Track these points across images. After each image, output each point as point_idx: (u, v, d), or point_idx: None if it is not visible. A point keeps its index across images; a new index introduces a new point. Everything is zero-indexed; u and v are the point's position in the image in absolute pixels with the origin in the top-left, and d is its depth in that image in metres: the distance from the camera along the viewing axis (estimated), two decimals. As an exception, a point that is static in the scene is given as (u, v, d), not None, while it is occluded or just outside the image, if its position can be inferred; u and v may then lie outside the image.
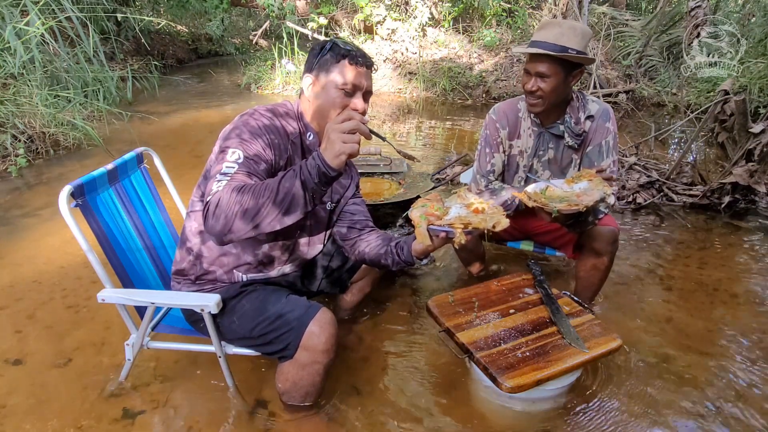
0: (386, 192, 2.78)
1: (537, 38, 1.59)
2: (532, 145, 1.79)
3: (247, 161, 1.17)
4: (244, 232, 1.07)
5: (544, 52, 1.53)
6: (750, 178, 2.83)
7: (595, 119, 1.69)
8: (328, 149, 1.05)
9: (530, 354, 1.30)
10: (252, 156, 1.18)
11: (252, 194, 1.06)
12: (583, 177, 1.50)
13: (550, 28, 1.58)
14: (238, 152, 1.17)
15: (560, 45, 1.54)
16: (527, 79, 1.62)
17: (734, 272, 2.34)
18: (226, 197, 1.06)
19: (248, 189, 1.07)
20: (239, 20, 11.88)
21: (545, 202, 1.42)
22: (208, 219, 1.08)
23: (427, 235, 1.21)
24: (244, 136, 1.20)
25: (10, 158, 3.57)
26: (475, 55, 7.13)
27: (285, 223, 1.09)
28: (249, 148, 1.19)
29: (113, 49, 6.82)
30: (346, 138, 1.04)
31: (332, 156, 1.05)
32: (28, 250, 2.42)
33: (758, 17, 5.73)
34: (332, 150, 1.05)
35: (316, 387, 1.33)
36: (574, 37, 1.55)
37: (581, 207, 1.37)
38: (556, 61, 1.55)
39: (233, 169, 1.14)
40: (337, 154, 1.04)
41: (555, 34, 1.55)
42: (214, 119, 5.25)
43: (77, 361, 1.66)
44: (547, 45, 1.55)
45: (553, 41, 1.55)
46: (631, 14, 7.25)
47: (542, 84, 1.59)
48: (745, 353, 1.77)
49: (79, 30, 4.50)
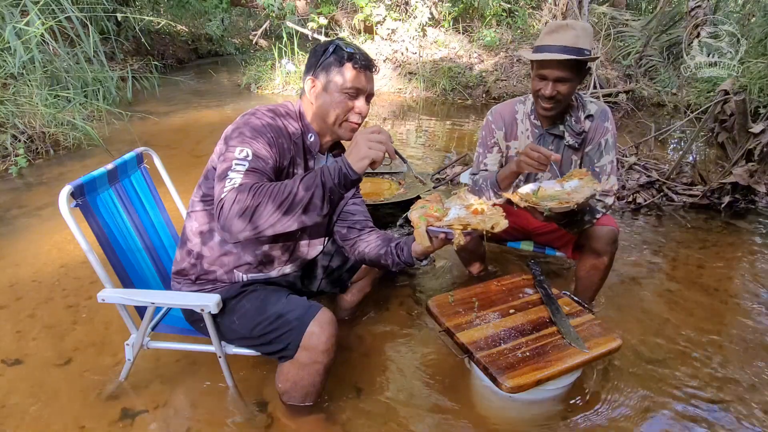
0: (386, 192, 2.79)
1: (551, 42, 1.54)
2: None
3: (257, 159, 1.16)
4: (260, 231, 1.07)
5: (569, 57, 1.50)
6: (750, 178, 2.83)
7: (594, 119, 1.69)
8: (354, 152, 1.07)
9: (530, 354, 1.30)
10: (260, 154, 1.18)
11: (269, 193, 1.05)
12: (574, 176, 1.51)
13: (565, 31, 1.53)
14: (246, 150, 1.17)
15: (578, 47, 1.51)
16: (543, 85, 1.58)
17: (734, 272, 2.34)
18: (243, 195, 1.05)
19: (265, 188, 1.07)
20: (239, 20, 11.89)
21: (536, 201, 1.43)
22: (222, 216, 1.06)
23: (426, 237, 1.21)
24: (250, 135, 1.20)
25: (10, 158, 3.57)
26: (475, 55, 7.13)
27: (304, 223, 1.09)
28: (256, 147, 1.18)
29: (113, 49, 6.82)
30: (373, 144, 1.06)
31: (357, 158, 1.06)
32: (28, 250, 2.42)
33: (758, 17, 5.73)
34: (357, 153, 1.06)
35: (316, 387, 1.33)
36: (586, 37, 1.54)
37: (572, 204, 1.38)
38: (573, 64, 1.53)
39: (245, 167, 1.13)
40: (362, 157, 1.06)
41: (571, 36, 1.52)
42: (214, 119, 5.25)
43: (77, 361, 1.66)
44: (567, 49, 1.51)
45: (572, 44, 1.51)
46: (631, 14, 7.26)
47: (561, 88, 1.56)
48: (746, 353, 1.77)
49: (79, 30, 4.50)
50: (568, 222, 1.62)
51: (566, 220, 1.60)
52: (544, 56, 1.53)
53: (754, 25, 5.65)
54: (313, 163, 1.37)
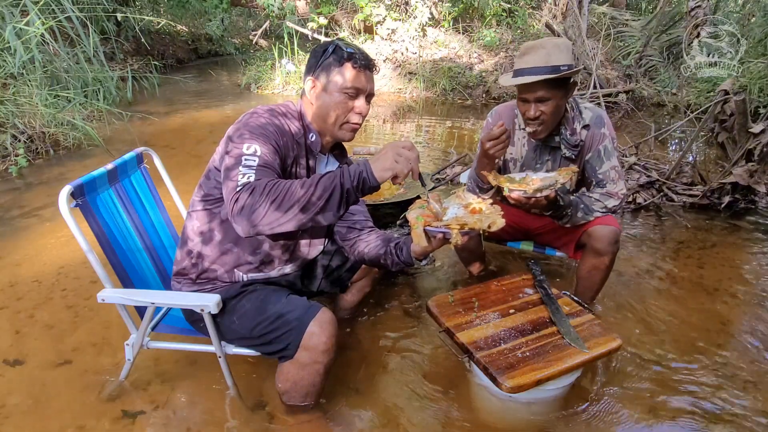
0: (386, 192, 2.78)
1: (523, 65, 1.55)
2: (527, 156, 1.79)
3: (265, 155, 1.15)
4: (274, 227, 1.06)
5: (540, 78, 1.50)
6: (750, 178, 2.83)
7: (590, 127, 1.69)
8: (380, 161, 1.06)
9: (530, 354, 1.30)
10: (268, 151, 1.17)
11: (285, 191, 1.04)
12: (562, 171, 1.55)
13: (535, 52, 1.54)
14: (254, 146, 1.15)
15: (551, 66, 1.51)
16: (526, 108, 1.59)
17: (734, 272, 2.34)
18: (258, 190, 1.04)
19: (281, 185, 1.05)
20: (239, 20, 11.89)
21: (502, 181, 1.51)
22: (236, 210, 1.05)
23: (423, 237, 1.21)
24: (255, 133, 1.19)
25: (10, 158, 3.57)
26: (475, 55, 7.13)
27: (320, 223, 1.08)
28: (262, 143, 1.17)
29: (113, 49, 6.82)
30: (401, 160, 1.06)
31: (381, 168, 1.06)
32: (28, 250, 2.42)
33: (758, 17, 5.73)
34: (384, 163, 1.06)
35: (316, 387, 1.32)
36: (560, 53, 1.52)
37: (528, 189, 1.45)
38: (550, 82, 1.52)
39: (255, 162, 1.11)
40: (387, 168, 1.06)
41: (542, 56, 1.52)
42: (214, 119, 5.25)
43: (77, 361, 1.66)
44: (539, 69, 1.51)
45: (543, 63, 1.51)
46: (631, 14, 7.26)
47: (544, 108, 1.56)
48: (746, 353, 1.77)
49: (79, 30, 4.50)
50: (554, 214, 1.66)
51: (551, 212, 1.65)
52: (518, 80, 1.54)
53: (754, 25, 5.65)
54: (314, 162, 1.37)
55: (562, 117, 1.68)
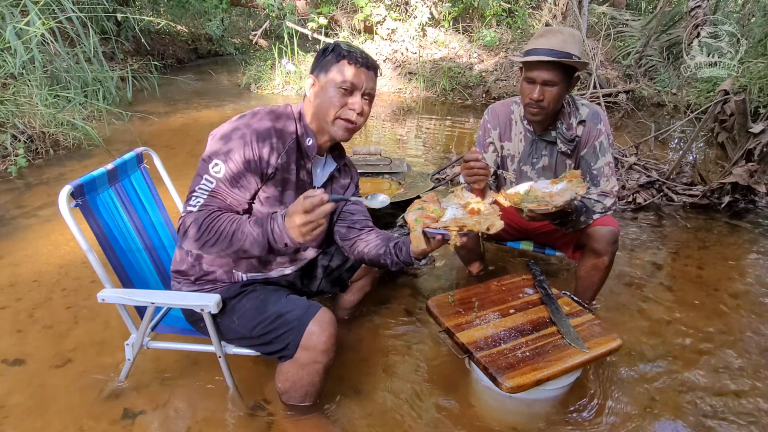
0: (386, 192, 2.78)
1: (539, 45, 1.55)
2: (523, 151, 1.79)
3: (225, 178, 1.22)
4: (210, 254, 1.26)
5: (554, 59, 1.50)
6: (750, 178, 2.83)
7: (586, 123, 1.69)
8: (292, 231, 1.11)
9: (530, 354, 1.30)
10: (234, 171, 1.22)
11: (219, 233, 1.16)
12: (565, 177, 1.51)
13: (552, 35, 1.54)
14: (221, 165, 1.21)
15: (565, 51, 1.52)
16: (531, 89, 1.58)
17: (734, 272, 2.34)
18: (197, 224, 1.17)
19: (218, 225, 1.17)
20: (239, 20, 11.89)
21: (518, 201, 1.45)
22: (181, 230, 1.20)
23: (422, 239, 1.21)
24: (233, 145, 1.22)
25: (10, 158, 3.57)
26: (475, 55, 7.13)
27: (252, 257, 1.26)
28: (234, 159, 1.21)
29: (113, 49, 6.82)
30: (305, 231, 1.09)
31: (295, 236, 1.11)
32: (28, 250, 2.42)
33: (758, 17, 5.73)
34: (294, 233, 1.10)
35: (316, 387, 1.33)
36: (575, 44, 1.54)
37: (550, 207, 1.38)
38: (560, 68, 1.53)
39: (212, 185, 1.22)
40: (298, 238, 1.11)
41: (559, 40, 1.53)
42: (214, 119, 5.25)
43: (77, 361, 1.66)
44: (554, 52, 1.51)
45: (559, 48, 1.52)
46: (631, 14, 7.27)
47: (548, 92, 1.56)
48: (745, 353, 1.77)
49: (79, 30, 4.50)
50: (560, 222, 1.62)
51: (559, 221, 1.60)
52: (531, 58, 1.54)
53: (754, 25, 5.65)
54: (311, 166, 1.37)
55: (559, 112, 1.69)
